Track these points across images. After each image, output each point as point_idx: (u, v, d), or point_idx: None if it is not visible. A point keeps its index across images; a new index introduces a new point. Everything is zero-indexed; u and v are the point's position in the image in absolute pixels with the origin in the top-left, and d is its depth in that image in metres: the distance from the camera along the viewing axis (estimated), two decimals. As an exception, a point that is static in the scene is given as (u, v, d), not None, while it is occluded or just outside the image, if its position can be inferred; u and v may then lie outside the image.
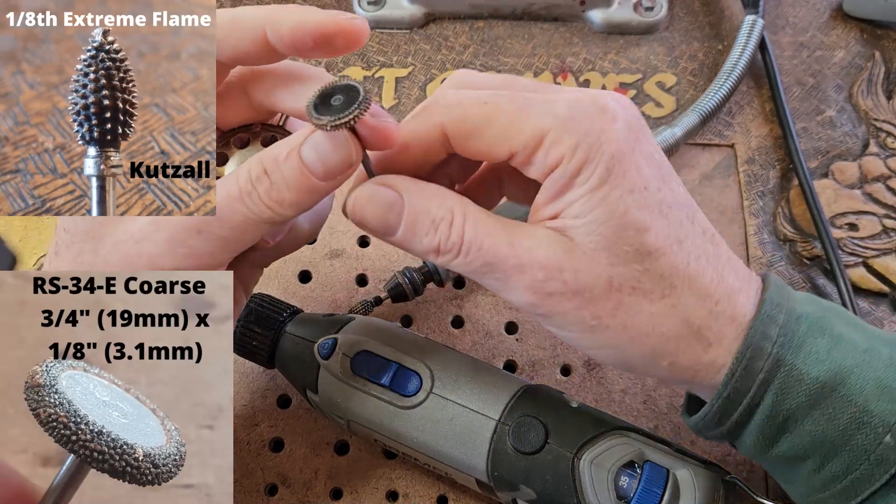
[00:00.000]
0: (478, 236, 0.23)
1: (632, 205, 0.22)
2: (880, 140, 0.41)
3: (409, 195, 0.24)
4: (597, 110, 0.23)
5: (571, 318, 0.23)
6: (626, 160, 0.22)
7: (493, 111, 0.23)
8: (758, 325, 0.23)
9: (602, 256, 0.23)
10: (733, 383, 0.23)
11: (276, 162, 0.23)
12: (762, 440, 0.24)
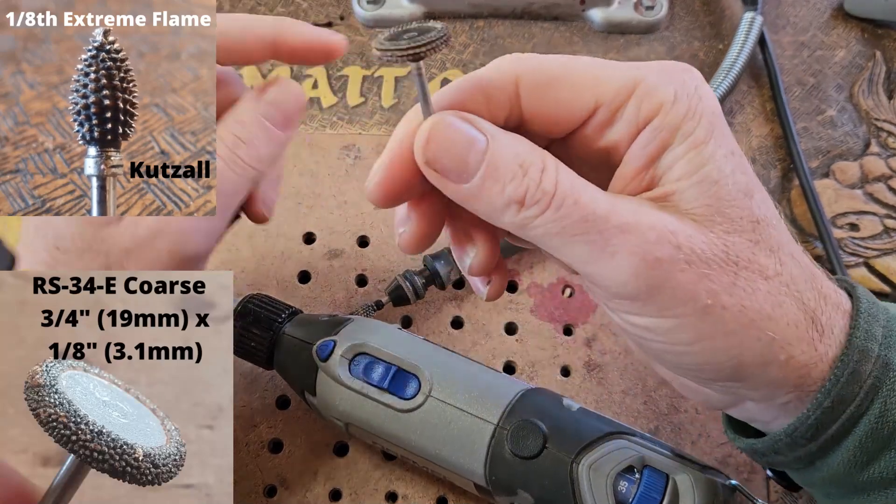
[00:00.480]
0: (574, 188, 0.19)
1: (738, 166, 0.20)
2: (881, 140, 0.41)
3: (494, 135, 0.20)
4: (682, 69, 0.21)
5: (682, 295, 0.19)
6: (722, 121, 0.20)
7: (575, 62, 0.21)
8: (861, 322, 0.20)
9: (717, 221, 0.20)
10: (837, 389, 0.20)
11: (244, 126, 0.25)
12: (858, 458, 0.21)
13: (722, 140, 0.20)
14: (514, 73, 0.21)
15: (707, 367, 0.21)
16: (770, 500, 0.32)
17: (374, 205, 0.22)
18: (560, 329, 0.36)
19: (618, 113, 0.20)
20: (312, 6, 0.45)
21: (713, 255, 0.19)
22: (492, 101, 0.21)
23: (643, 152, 0.20)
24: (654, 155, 0.20)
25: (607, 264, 0.19)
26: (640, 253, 0.19)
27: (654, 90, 0.20)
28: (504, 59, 0.21)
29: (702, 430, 0.33)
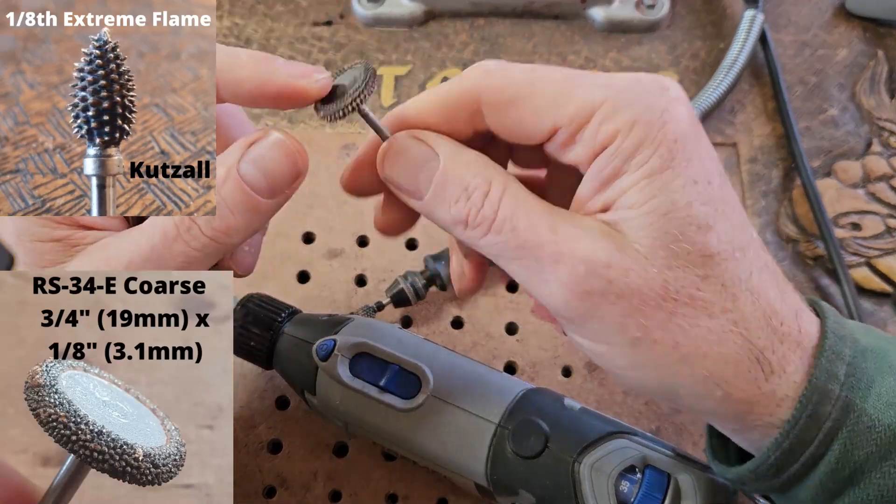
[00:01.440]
0: (515, 214, 0.20)
1: (696, 198, 0.19)
2: (883, 139, 0.41)
3: (445, 155, 0.21)
4: (658, 88, 0.20)
5: (611, 326, 0.20)
6: (691, 146, 0.19)
7: (538, 78, 0.20)
8: (823, 362, 0.20)
9: (659, 255, 0.19)
10: (796, 432, 0.20)
11: (214, 186, 0.21)
12: (821, 495, 0.21)
13: (683, 169, 0.19)
14: (477, 89, 0.21)
15: (643, 390, 0.21)
16: (771, 500, 0.32)
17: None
18: (561, 329, 0.35)
19: (577, 135, 0.20)
20: (312, 5, 0.45)
21: (649, 290, 0.19)
22: (454, 117, 0.21)
23: (598, 177, 0.20)
24: (606, 180, 0.20)
25: (542, 289, 0.20)
26: (569, 284, 0.20)
27: (613, 115, 0.19)
28: (470, 73, 0.21)
29: (703, 430, 0.33)
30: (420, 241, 0.38)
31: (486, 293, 0.37)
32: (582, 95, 0.20)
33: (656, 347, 0.20)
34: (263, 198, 0.21)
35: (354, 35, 0.44)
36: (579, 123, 0.20)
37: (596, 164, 0.20)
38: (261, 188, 0.21)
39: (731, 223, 0.20)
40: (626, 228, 0.20)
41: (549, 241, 0.20)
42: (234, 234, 0.21)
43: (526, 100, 0.20)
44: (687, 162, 0.19)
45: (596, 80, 0.20)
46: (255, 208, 0.21)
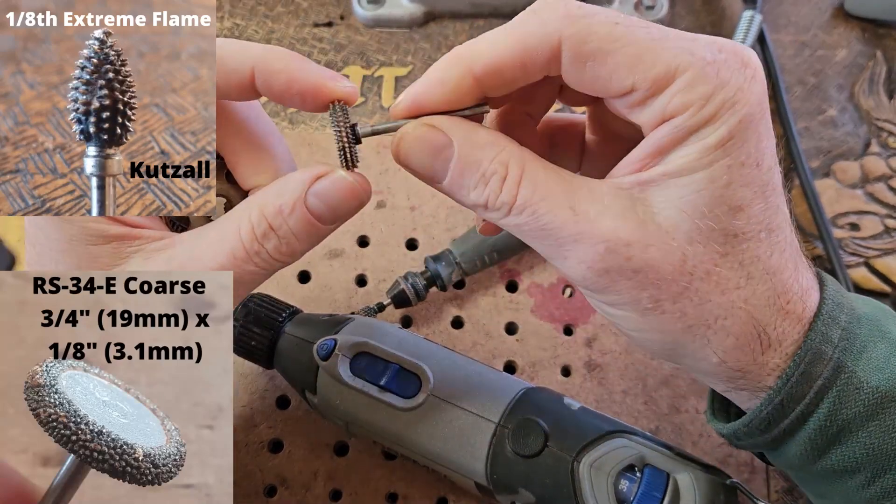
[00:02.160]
0: (534, 197, 0.20)
1: (737, 179, 0.20)
2: (882, 139, 0.41)
3: (459, 141, 0.21)
4: (740, 63, 0.20)
5: (626, 298, 0.21)
6: (752, 128, 0.20)
7: (625, 33, 0.20)
8: (819, 325, 0.21)
9: (682, 230, 0.20)
10: (788, 388, 0.21)
11: (282, 216, 0.22)
12: (810, 451, 0.22)
13: (738, 148, 0.20)
14: (558, 35, 0.20)
15: (648, 348, 0.23)
16: (770, 499, 0.32)
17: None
18: (560, 329, 0.35)
19: (652, 98, 0.20)
20: (312, 6, 0.45)
21: (667, 264, 0.20)
22: (530, 61, 0.20)
23: (656, 144, 0.20)
24: (664, 149, 0.20)
25: (562, 264, 0.21)
26: (587, 262, 0.20)
27: (690, 87, 0.19)
28: (550, 14, 0.20)
29: (702, 429, 0.33)
30: (420, 242, 0.38)
31: (486, 293, 0.37)
32: (666, 60, 0.19)
33: (664, 317, 0.21)
34: (326, 225, 0.22)
35: (355, 36, 0.44)
36: (658, 88, 0.20)
37: (659, 132, 0.20)
38: (325, 218, 0.22)
39: (766, 204, 0.21)
40: (654, 196, 0.20)
41: (569, 222, 0.20)
42: (297, 255, 0.23)
43: (608, 56, 0.20)
44: (743, 143, 0.20)
45: (680, 43, 0.20)
46: (318, 235, 0.23)
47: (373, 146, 0.40)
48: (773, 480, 0.32)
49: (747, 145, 0.20)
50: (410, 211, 0.38)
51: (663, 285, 0.20)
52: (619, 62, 0.20)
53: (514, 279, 0.37)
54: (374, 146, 0.40)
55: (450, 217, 0.38)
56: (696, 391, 0.34)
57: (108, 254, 0.23)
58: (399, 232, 0.38)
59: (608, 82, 0.20)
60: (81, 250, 0.23)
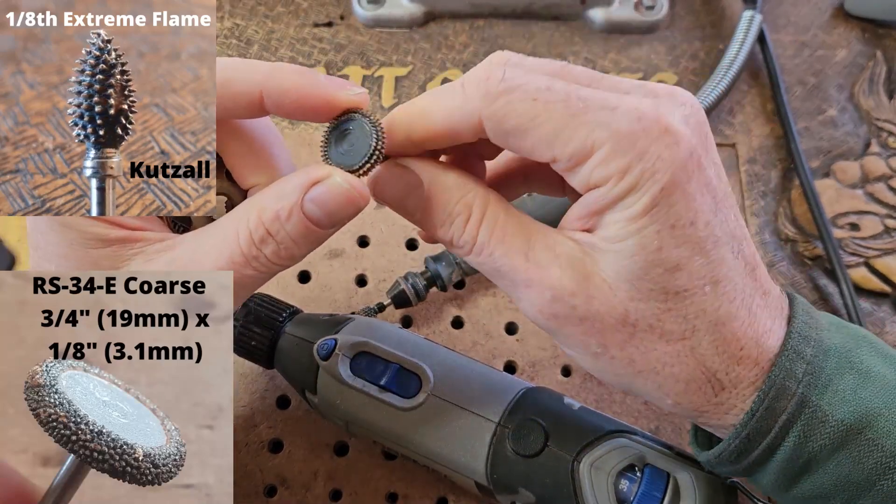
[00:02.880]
0: (491, 240, 0.22)
1: (668, 242, 0.21)
2: (882, 140, 0.41)
3: (428, 182, 0.23)
4: (659, 131, 0.20)
5: (575, 342, 0.22)
6: (678, 192, 0.20)
7: (542, 111, 0.20)
8: (784, 361, 0.22)
9: (623, 288, 0.21)
10: (753, 423, 0.22)
11: (279, 221, 0.22)
12: (782, 480, 0.23)
13: (664, 214, 0.20)
14: (478, 114, 0.21)
15: (607, 383, 0.24)
16: (770, 500, 0.32)
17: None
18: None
19: (576, 169, 0.21)
20: (312, 6, 0.45)
21: (610, 316, 0.21)
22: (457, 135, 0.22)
23: (586, 209, 0.22)
24: (593, 213, 0.22)
25: (518, 304, 0.23)
26: (537, 306, 0.22)
27: (609, 161, 0.20)
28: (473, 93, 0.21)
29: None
30: (420, 242, 0.38)
31: (486, 293, 0.37)
32: (581, 137, 0.20)
33: (614, 361, 0.22)
34: (324, 230, 0.23)
35: (355, 36, 0.44)
36: (577, 161, 0.21)
37: (586, 199, 0.21)
38: (323, 224, 0.22)
39: (707, 259, 0.21)
40: (599, 257, 0.21)
41: (521, 268, 0.22)
42: (297, 259, 0.23)
43: (527, 133, 0.21)
44: (669, 207, 0.20)
45: (598, 116, 0.20)
46: (316, 239, 0.23)
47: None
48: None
49: (675, 208, 0.20)
50: (410, 211, 0.38)
51: (607, 333, 0.22)
52: (537, 139, 0.21)
53: (514, 279, 0.37)
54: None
55: (450, 217, 0.38)
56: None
57: (108, 257, 0.23)
58: (399, 232, 0.38)
59: (531, 154, 0.21)
60: (82, 254, 0.23)
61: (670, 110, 0.21)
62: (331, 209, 0.22)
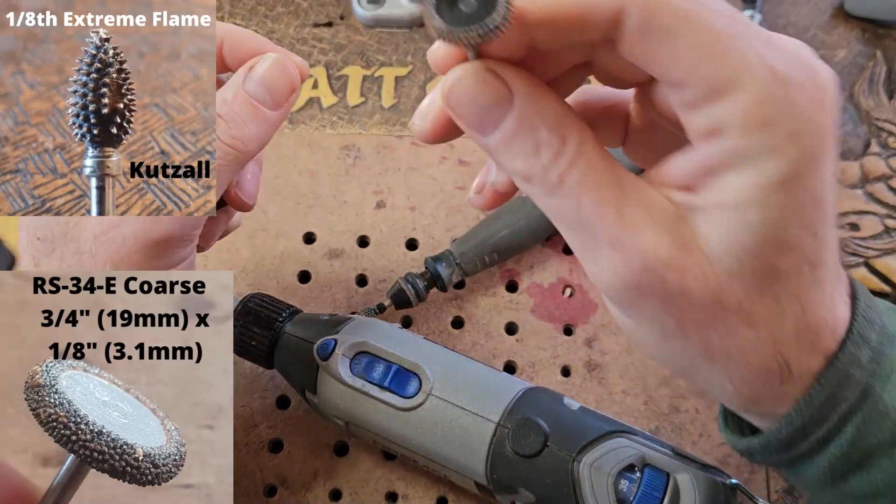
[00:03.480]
0: (583, 184, 0.18)
1: (791, 217, 0.18)
2: (882, 140, 0.41)
3: (521, 98, 0.18)
4: (815, 87, 0.17)
5: (650, 317, 0.19)
6: (817, 164, 0.17)
7: (698, 15, 0.16)
8: (849, 346, 0.20)
9: (724, 262, 0.18)
10: (811, 411, 0.20)
11: (227, 104, 0.25)
12: (829, 475, 0.21)
13: (798, 185, 0.17)
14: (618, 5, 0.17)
15: (662, 365, 0.22)
16: (771, 499, 0.32)
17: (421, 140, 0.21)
18: (560, 329, 0.36)
19: (708, 104, 0.17)
20: (312, 6, 0.45)
21: (701, 294, 0.18)
22: (587, 22, 0.17)
23: (705, 160, 0.18)
24: (714, 169, 0.18)
25: (592, 266, 0.19)
26: (622, 274, 0.19)
27: (748, 109, 0.17)
28: None
29: (702, 429, 0.33)
30: (420, 242, 0.38)
31: (485, 293, 0.37)
32: (732, 64, 0.17)
33: (687, 343, 0.20)
34: (269, 109, 0.25)
35: (355, 36, 0.44)
36: (715, 94, 0.17)
37: (709, 147, 0.18)
38: (265, 101, 0.25)
39: (816, 240, 0.19)
40: (700, 223, 0.18)
41: (612, 224, 0.18)
42: (249, 142, 0.25)
43: (671, 38, 0.17)
44: (804, 180, 0.17)
45: (756, 45, 0.17)
46: (263, 119, 0.25)
47: (373, 146, 0.40)
48: (773, 480, 0.32)
49: (808, 182, 0.17)
50: (410, 211, 0.38)
51: (692, 314, 0.19)
52: (681, 49, 0.17)
53: (514, 279, 0.37)
54: (374, 146, 0.40)
55: (450, 217, 0.38)
56: (696, 391, 0.34)
57: None
58: (399, 232, 0.38)
59: (665, 67, 0.17)
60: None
61: (822, 63, 0.18)
62: (268, 82, 0.25)
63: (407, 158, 0.40)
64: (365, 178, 0.39)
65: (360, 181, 0.39)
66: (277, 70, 0.25)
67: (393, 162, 0.40)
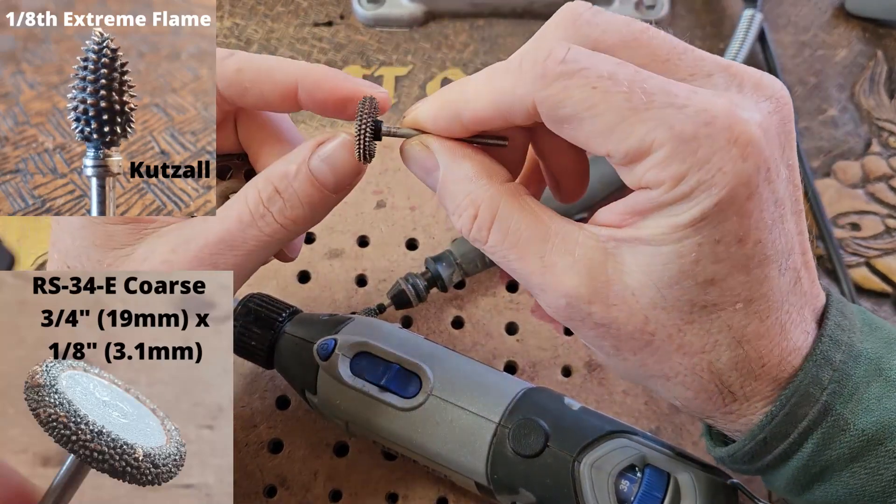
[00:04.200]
0: (504, 244, 0.21)
1: (708, 256, 0.19)
2: (882, 139, 0.41)
3: (442, 168, 0.22)
4: (728, 140, 0.18)
5: (590, 341, 0.22)
6: (732, 209, 0.19)
7: (600, 101, 0.19)
8: (810, 367, 0.21)
9: (647, 294, 0.20)
10: (771, 427, 0.21)
11: (287, 179, 0.23)
12: (794, 485, 0.22)
13: (709, 229, 0.19)
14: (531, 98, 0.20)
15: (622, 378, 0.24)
16: (770, 499, 0.32)
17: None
18: (561, 329, 0.35)
19: (630, 165, 0.20)
20: (312, 5, 0.45)
21: (626, 322, 0.20)
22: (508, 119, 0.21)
23: (634, 205, 0.20)
24: (642, 212, 0.20)
25: (538, 299, 0.22)
26: (552, 309, 0.21)
27: (662, 166, 0.19)
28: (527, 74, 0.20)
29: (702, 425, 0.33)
30: (420, 242, 0.38)
31: (486, 293, 0.37)
32: (640, 135, 0.19)
33: (626, 363, 0.22)
34: (329, 191, 0.23)
35: (355, 35, 0.44)
36: (632, 159, 0.19)
37: (634, 197, 0.20)
38: (328, 183, 0.23)
39: (747, 278, 0.20)
40: (628, 257, 0.20)
41: (535, 272, 0.21)
42: (301, 223, 0.23)
43: (582, 123, 0.19)
44: (718, 223, 0.19)
45: (662, 113, 0.19)
46: (322, 201, 0.23)
47: (373, 146, 0.40)
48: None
49: (725, 225, 0.19)
50: (410, 211, 0.38)
51: (623, 338, 0.21)
52: (593, 130, 0.19)
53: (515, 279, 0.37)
54: (374, 146, 0.40)
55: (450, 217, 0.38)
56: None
57: (123, 233, 0.24)
58: (399, 232, 0.38)
59: (585, 145, 0.20)
60: (99, 228, 0.24)
61: (748, 111, 0.19)
62: (336, 164, 0.23)
63: (407, 158, 0.40)
64: (365, 178, 0.39)
65: (361, 181, 0.39)
66: (346, 152, 0.23)
67: (393, 162, 0.40)
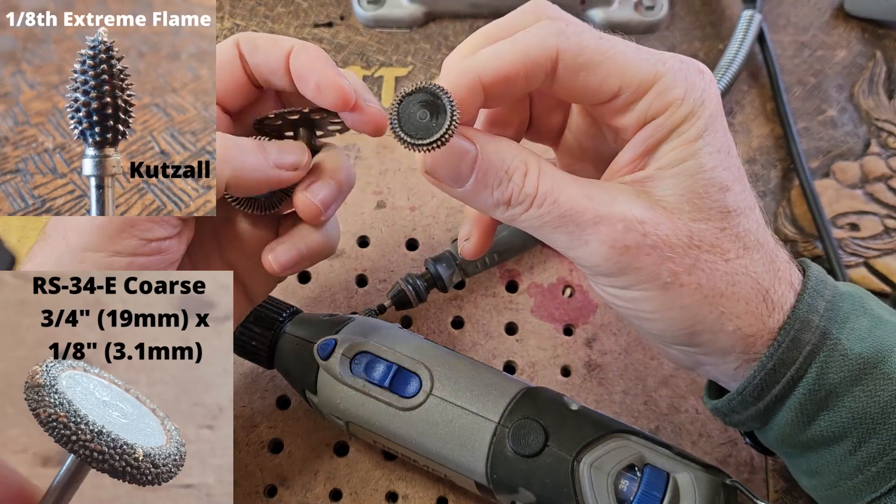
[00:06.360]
0: (554, 188, 0.23)
1: (720, 163, 0.23)
2: (881, 140, 0.41)
3: (483, 145, 0.23)
4: (697, 70, 0.23)
5: (646, 274, 0.23)
6: (720, 121, 0.23)
7: (610, 46, 0.23)
8: (806, 297, 0.23)
9: (685, 210, 0.23)
10: (779, 354, 0.23)
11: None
12: (800, 417, 0.24)
13: (713, 138, 0.23)
14: (556, 49, 0.22)
15: (666, 333, 0.24)
16: (770, 499, 0.32)
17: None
18: (560, 329, 0.36)
19: (635, 102, 0.23)
20: (312, 6, 0.45)
21: (677, 240, 0.23)
22: (532, 74, 0.23)
23: (643, 144, 0.23)
24: (650, 148, 0.23)
25: (584, 250, 0.23)
26: (609, 241, 0.22)
27: (668, 90, 0.22)
28: (546, 32, 0.23)
29: (702, 429, 0.33)
30: (420, 242, 0.38)
31: (486, 293, 0.37)
32: (646, 69, 0.22)
33: (683, 290, 0.23)
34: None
35: (355, 36, 0.44)
36: (640, 92, 0.22)
37: (643, 133, 0.23)
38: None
39: (743, 187, 0.24)
40: (654, 188, 0.23)
41: (587, 208, 0.23)
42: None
43: (599, 66, 0.22)
44: (715, 133, 0.23)
45: (653, 55, 0.23)
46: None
47: (373, 146, 0.40)
48: (773, 480, 0.32)
49: (719, 136, 0.23)
50: (410, 211, 0.38)
51: (677, 258, 0.23)
52: (608, 71, 0.22)
53: (514, 279, 0.37)
54: (374, 146, 0.40)
55: (450, 217, 0.38)
56: (695, 391, 0.34)
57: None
58: (399, 232, 0.38)
59: (598, 88, 0.23)
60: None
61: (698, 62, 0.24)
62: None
63: (407, 158, 0.40)
64: (365, 178, 0.39)
65: (361, 181, 0.39)
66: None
67: (393, 162, 0.40)
